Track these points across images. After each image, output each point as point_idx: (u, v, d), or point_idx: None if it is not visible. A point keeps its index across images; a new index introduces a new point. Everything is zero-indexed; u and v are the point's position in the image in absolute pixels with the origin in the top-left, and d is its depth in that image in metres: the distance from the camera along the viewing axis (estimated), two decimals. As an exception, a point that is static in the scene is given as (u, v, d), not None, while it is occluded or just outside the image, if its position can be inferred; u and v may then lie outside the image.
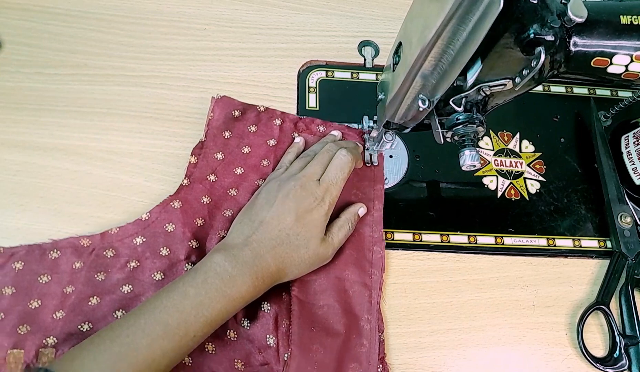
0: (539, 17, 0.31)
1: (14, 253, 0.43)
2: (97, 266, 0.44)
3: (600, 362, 0.47)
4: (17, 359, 0.40)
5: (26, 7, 0.54)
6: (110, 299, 0.43)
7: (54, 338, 0.41)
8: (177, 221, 0.46)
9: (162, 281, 0.44)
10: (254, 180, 0.50)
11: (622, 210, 0.53)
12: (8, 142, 0.48)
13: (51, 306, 0.42)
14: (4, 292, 0.41)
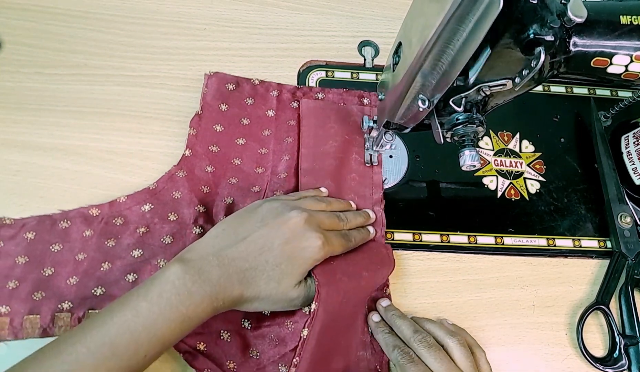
0: (539, 17, 0.31)
1: (25, 224, 0.44)
2: (107, 234, 0.45)
3: (600, 362, 0.47)
4: (34, 324, 0.41)
5: (26, 7, 0.54)
6: (122, 264, 0.44)
7: (69, 303, 0.42)
8: (183, 189, 0.47)
9: (172, 243, 0.45)
10: (256, 150, 0.51)
11: (622, 210, 0.53)
12: (8, 142, 0.48)
13: (64, 273, 0.43)
14: (18, 261, 0.43)
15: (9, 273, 0.42)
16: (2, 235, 0.43)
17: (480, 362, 0.42)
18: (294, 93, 0.55)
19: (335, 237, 0.43)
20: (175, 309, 0.35)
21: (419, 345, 0.41)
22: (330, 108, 0.54)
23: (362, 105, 0.55)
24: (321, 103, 0.54)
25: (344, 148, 0.52)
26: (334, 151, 0.51)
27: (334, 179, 0.50)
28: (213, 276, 0.37)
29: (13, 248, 0.43)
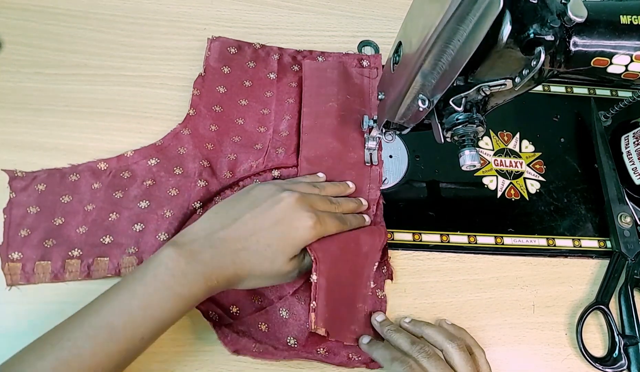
0: (539, 17, 0.31)
1: (36, 176, 0.46)
2: (114, 186, 0.47)
3: (600, 362, 0.47)
4: (45, 269, 0.43)
5: (26, 7, 0.54)
6: (129, 214, 0.46)
7: (78, 250, 0.44)
8: (188, 145, 0.50)
9: (177, 195, 0.47)
10: (259, 110, 0.53)
11: (622, 210, 0.53)
12: (8, 142, 0.48)
13: (74, 223, 0.45)
14: (29, 211, 0.45)
15: (21, 222, 0.44)
16: (14, 186, 0.45)
17: (480, 362, 0.42)
18: (295, 57, 0.57)
19: (330, 218, 0.43)
20: (171, 289, 0.36)
21: (418, 355, 0.40)
22: (332, 69, 0.55)
23: (362, 68, 0.57)
24: (323, 64, 0.56)
25: (345, 107, 0.53)
26: (336, 110, 0.52)
27: (336, 136, 0.51)
28: (206, 256, 0.37)
29: (25, 199, 0.45)
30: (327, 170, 0.50)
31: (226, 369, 0.43)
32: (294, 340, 0.44)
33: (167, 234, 0.45)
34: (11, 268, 0.43)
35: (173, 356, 0.43)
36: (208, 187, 0.48)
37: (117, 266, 0.44)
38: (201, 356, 0.43)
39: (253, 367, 0.44)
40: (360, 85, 0.55)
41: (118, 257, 0.44)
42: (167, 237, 0.45)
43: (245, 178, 0.50)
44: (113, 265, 0.44)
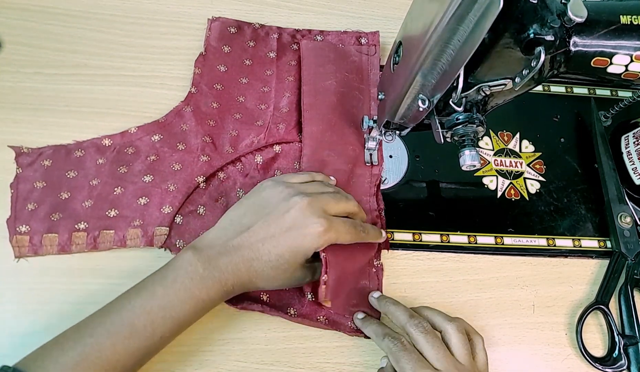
0: (539, 17, 0.31)
1: (42, 152, 0.47)
2: (119, 161, 0.48)
3: (599, 362, 0.47)
4: (52, 241, 0.44)
5: (26, 7, 0.54)
6: (134, 188, 0.47)
7: (84, 223, 0.45)
8: (190, 122, 0.51)
9: (180, 170, 0.48)
10: (259, 88, 0.55)
11: (622, 210, 0.53)
12: (8, 142, 0.48)
13: (80, 197, 0.46)
14: (36, 185, 0.46)
15: (28, 196, 0.45)
16: (20, 162, 0.47)
17: (477, 349, 0.42)
18: (294, 36, 0.58)
19: (343, 224, 0.41)
20: (189, 292, 0.37)
21: (414, 330, 0.40)
22: (329, 48, 0.56)
23: (360, 45, 0.58)
24: (320, 44, 0.57)
25: (345, 84, 0.54)
26: (335, 87, 0.53)
27: (337, 112, 0.52)
28: (221, 263, 0.39)
29: (31, 174, 0.46)
30: (330, 144, 0.51)
31: (226, 369, 0.43)
32: (294, 310, 0.45)
33: (172, 207, 0.46)
34: (19, 240, 0.44)
35: (173, 356, 0.43)
36: (211, 162, 0.49)
37: (123, 238, 0.45)
38: (201, 356, 0.43)
39: (253, 367, 0.44)
40: (358, 63, 0.57)
41: (124, 230, 0.46)
42: (171, 210, 0.46)
43: (247, 154, 0.51)
44: (119, 237, 0.45)
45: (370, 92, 0.53)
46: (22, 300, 0.43)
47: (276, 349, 0.45)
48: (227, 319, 0.45)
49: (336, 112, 0.52)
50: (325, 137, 0.51)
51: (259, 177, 0.50)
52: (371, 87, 0.55)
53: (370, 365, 0.45)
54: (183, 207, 0.47)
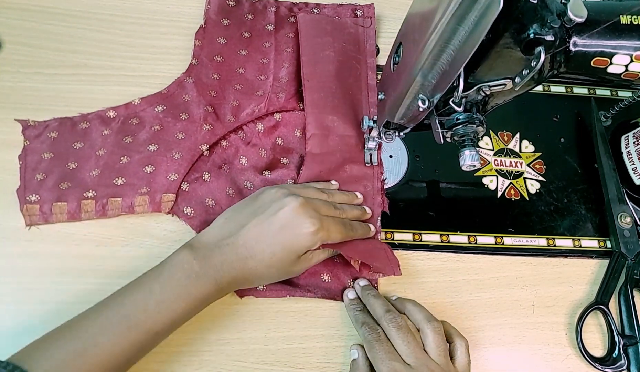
0: (539, 17, 0.31)
1: (48, 125, 0.49)
2: (124, 131, 0.49)
3: (599, 362, 0.47)
4: (62, 209, 0.45)
5: (26, 7, 0.54)
6: (139, 157, 0.48)
7: (93, 191, 0.46)
8: (192, 93, 0.52)
9: (184, 139, 0.49)
10: (258, 60, 0.56)
11: (622, 210, 0.53)
12: (8, 142, 0.48)
13: (87, 167, 0.47)
14: (44, 156, 0.47)
15: (36, 167, 0.47)
16: (27, 135, 0.48)
17: (458, 351, 0.42)
18: (291, 9, 0.59)
19: (334, 224, 0.43)
20: (186, 290, 0.38)
21: (388, 324, 0.42)
22: (326, 21, 0.57)
23: (356, 17, 0.59)
24: (317, 16, 0.58)
25: (342, 54, 0.56)
26: (334, 57, 0.55)
27: (336, 80, 0.54)
28: (216, 262, 0.39)
29: (38, 146, 0.47)
30: (333, 110, 0.52)
31: (226, 369, 0.43)
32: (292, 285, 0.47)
33: (177, 174, 0.48)
34: (29, 209, 0.45)
35: (173, 356, 0.43)
36: (213, 131, 0.50)
37: (131, 205, 0.46)
38: (201, 356, 0.43)
39: (253, 367, 0.44)
40: (355, 34, 0.58)
41: (131, 197, 0.47)
42: (177, 177, 0.48)
43: (249, 122, 0.52)
44: (127, 204, 0.46)
45: (367, 62, 0.55)
46: (21, 300, 0.43)
47: (276, 349, 0.45)
48: (227, 319, 0.45)
49: (336, 80, 0.54)
50: (327, 103, 0.52)
51: (260, 145, 0.52)
52: (368, 58, 0.57)
53: (370, 365, 0.45)
54: (188, 174, 0.49)
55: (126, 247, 0.46)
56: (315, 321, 0.46)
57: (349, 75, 0.55)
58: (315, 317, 0.46)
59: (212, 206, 0.48)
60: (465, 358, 0.42)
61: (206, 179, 0.49)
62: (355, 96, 0.54)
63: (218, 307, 0.45)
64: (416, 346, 0.40)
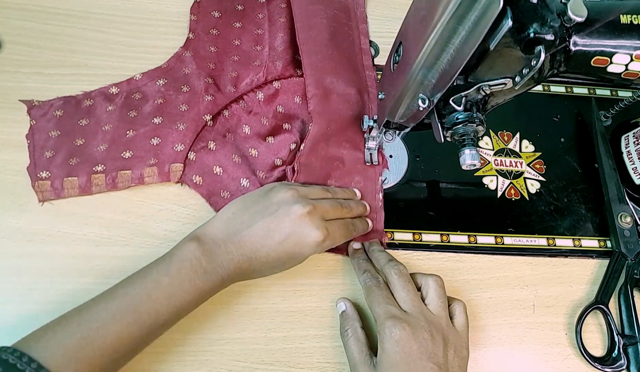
0: (539, 16, 0.31)
1: (52, 104, 0.49)
2: (128, 106, 0.50)
3: (599, 362, 0.47)
4: (73, 184, 0.47)
5: (26, 7, 0.54)
6: (145, 131, 0.49)
7: (102, 165, 0.47)
8: (191, 66, 0.53)
9: (188, 110, 0.50)
10: (253, 31, 0.57)
11: (622, 210, 0.53)
12: (8, 142, 0.48)
13: (94, 142, 0.48)
14: (51, 134, 0.48)
15: (45, 144, 0.47)
16: (33, 115, 0.49)
17: (457, 311, 0.43)
18: None
19: (339, 230, 0.43)
20: (193, 284, 0.38)
21: (390, 270, 0.43)
22: None
23: None
24: None
25: (335, 20, 0.56)
26: (327, 23, 0.56)
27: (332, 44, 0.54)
28: (223, 259, 0.40)
29: (45, 124, 0.48)
30: (332, 71, 0.53)
31: (226, 369, 0.43)
32: None
33: (183, 144, 0.49)
34: (41, 185, 0.46)
35: (173, 356, 0.43)
36: (215, 101, 0.51)
37: (141, 176, 0.48)
38: (201, 356, 0.43)
39: (253, 367, 0.44)
40: (344, 2, 0.59)
41: (140, 169, 0.48)
42: (183, 148, 0.49)
43: (249, 91, 0.53)
44: (136, 175, 0.48)
45: (359, 27, 0.57)
46: (21, 300, 0.43)
47: (276, 349, 0.45)
48: (227, 319, 0.45)
49: (331, 44, 0.54)
50: (325, 65, 0.53)
51: (262, 113, 0.53)
52: (359, 24, 0.59)
53: (370, 365, 0.45)
54: (194, 144, 0.49)
55: (126, 247, 0.46)
56: (315, 321, 0.46)
57: (343, 40, 0.56)
58: (315, 317, 0.46)
59: (220, 174, 0.49)
60: (464, 318, 0.43)
61: (212, 148, 0.50)
62: (350, 59, 0.55)
63: (218, 307, 0.45)
64: (415, 295, 0.42)
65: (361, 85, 0.55)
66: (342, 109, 0.52)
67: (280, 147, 0.50)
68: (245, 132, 0.51)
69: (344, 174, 0.51)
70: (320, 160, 0.50)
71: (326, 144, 0.50)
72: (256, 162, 0.50)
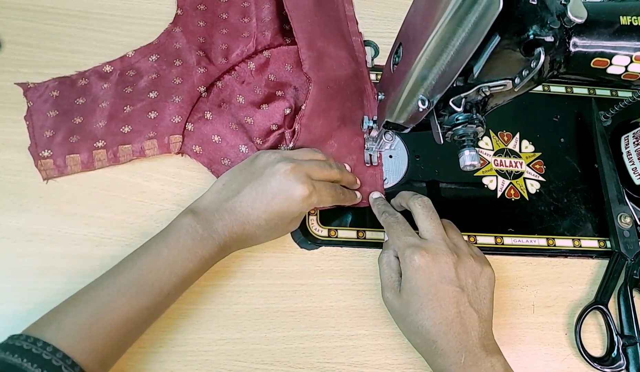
0: (539, 18, 0.31)
1: (48, 85, 0.50)
2: (123, 83, 0.51)
3: (598, 362, 0.47)
4: (75, 161, 0.47)
5: (26, 7, 0.54)
6: (142, 105, 0.50)
7: (102, 141, 0.48)
8: (182, 41, 0.54)
9: (182, 83, 0.51)
10: (239, 4, 0.58)
11: (621, 210, 0.53)
12: (8, 142, 0.48)
13: (92, 120, 0.49)
14: (49, 114, 0.49)
15: (43, 124, 0.48)
16: (30, 96, 0.49)
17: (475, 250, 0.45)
18: None
19: (326, 188, 0.44)
20: (192, 251, 0.39)
21: (414, 202, 0.45)
22: None
23: None
24: None
25: None
26: None
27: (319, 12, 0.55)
28: (217, 226, 0.41)
29: (42, 105, 0.49)
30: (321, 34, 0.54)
31: (226, 369, 0.43)
32: None
33: (180, 116, 0.50)
34: (44, 164, 0.47)
35: (173, 356, 0.43)
36: (208, 72, 0.52)
37: (141, 149, 0.48)
38: (201, 356, 0.43)
39: (253, 367, 0.44)
40: None
41: (140, 142, 0.48)
42: (181, 119, 0.49)
43: (240, 62, 0.54)
44: (137, 149, 0.48)
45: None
46: (21, 300, 0.43)
47: (276, 349, 0.45)
48: (227, 319, 0.45)
49: (317, 10, 0.55)
50: (314, 29, 0.54)
51: (254, 82, 0.54)
52: None
53: (370, 365, 0.45)
54: (191, 115, 0.50)
55: (126, 247, 0.46)
56: (315, 321, 0.46)
57: (328, 8, 0.58)
58: (315, 317, 0.46)
59: (219, 142, 0.50)
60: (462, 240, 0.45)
61: (208, 118, 0.51)
62: (337, 25, 0.57)
63: (218, 307, 0.45)
64: (437, 224, 0.43)
65: (350, 49, 0.56)
66: (336, 70, 0.53)
67: (274, 112, 0.52)
68: (240, 101, 0.53)
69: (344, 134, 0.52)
70: (322, 120, 0.51)
71: (327, 103, 0.51)
72: (252, 129, 0.51)
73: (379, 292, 0.48)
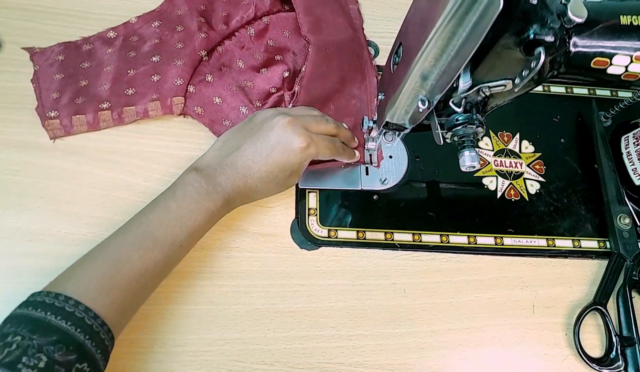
0: (539, 17, 0.31)
1: (53, 50, 0.52)
2: (127, 48, 0.53)
3: (597, 363, 0.47)
4: (81, 121, 0.49)
5: (26, 7, 0.54)
6: (145, 69, 0.52)
7: (107, 103, 0.50)
8: (183, 8, 0.56)
9: (184, 47, 0.53)
10: None
11: (621, 211, 0.53)
12: (8, 142, 0.48)
13: (97, 83, 0.51)
14: (55, 77, 0.50)
15: (50, 87, 0.50)
16: (36, 60, 0.51)
17: None
18: None
19: (323, 140, 0.45)
20: (199, 204, 0.41)
21: None
22: None
23: None
24: None
25: None
26: None
27: None
28: (221, 180, 0.42)
29: (48, 68, 0.51)
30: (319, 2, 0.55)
31: (226, 369, 0.43)
32: None
33: (182, 79, 0.51)
34: (50, 124, 0.48)
35: (173, 356, 0.43)
36: (209, 38, 0.54)
37: (145, 110, 0.50)
38: (201, 356, 0.43)
39: (253, 367, 0.44)
40: None
41: (144, 104, 0.50)
42: (183, 82, 0.51)
43: (240, 28, 0.56)
44: (140, 110, 0.50)
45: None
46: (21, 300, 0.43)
47: (276, 349, 0.45)
48: (227, 319, 0.45)
49: None
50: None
51: (254, 48, 0.55)
52: None
53: (370, 365, 0.45)
54: (192, 78, 0.52)
55: (126, 247, 0.46)
56: (315, 322, 0.46)
57: None
58: (315, 317, 0.46)
59: (219, 103, 0.52)
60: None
61: (209, 80, 0.53)
62: None
63: (218, 307, 0.45)
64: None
65: (347, 17, 0.57)
66: (334, 35, 0.54)
67: (273, 76, 0.53)
68: (240, 66, 0.54)
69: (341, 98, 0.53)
70: (322, 82, 0.52)
71: (327, 65, 0.52)
72: (252, 92, 0.53)
73: (379, 292, 0.48)
